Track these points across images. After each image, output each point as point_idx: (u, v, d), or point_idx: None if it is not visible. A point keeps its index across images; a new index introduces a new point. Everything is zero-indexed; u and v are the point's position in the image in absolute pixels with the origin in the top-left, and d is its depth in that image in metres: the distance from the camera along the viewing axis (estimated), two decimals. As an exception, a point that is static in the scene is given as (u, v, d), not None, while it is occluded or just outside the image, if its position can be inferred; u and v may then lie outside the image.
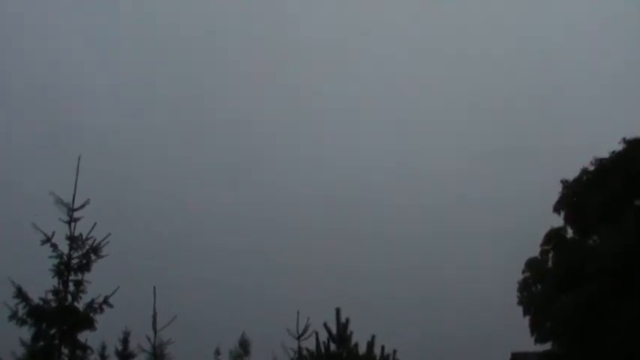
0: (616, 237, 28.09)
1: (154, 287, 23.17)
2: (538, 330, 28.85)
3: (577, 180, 29.64)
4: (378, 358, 26.91)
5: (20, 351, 20.40)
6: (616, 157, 30.05)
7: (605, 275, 27.47)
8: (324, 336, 25.43)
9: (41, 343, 18.23)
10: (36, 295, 18.41)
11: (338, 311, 26.28)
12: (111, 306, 18.72)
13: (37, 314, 18.26)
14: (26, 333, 18.43)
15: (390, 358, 27.11)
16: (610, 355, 26.66)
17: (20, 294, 18.28)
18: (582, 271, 27.78)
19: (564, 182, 29.64)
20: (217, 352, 40.98)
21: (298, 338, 24.33)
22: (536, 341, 29.09)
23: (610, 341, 26.84)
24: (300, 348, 24.94)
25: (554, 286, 28.66)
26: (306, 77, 74.48)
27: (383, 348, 27.14)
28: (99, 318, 18.80)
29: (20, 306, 18.23)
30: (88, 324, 18.55)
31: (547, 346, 29.67)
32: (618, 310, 27.20)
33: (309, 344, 25.16)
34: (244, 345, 41.25)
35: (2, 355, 22.69)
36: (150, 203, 63.56)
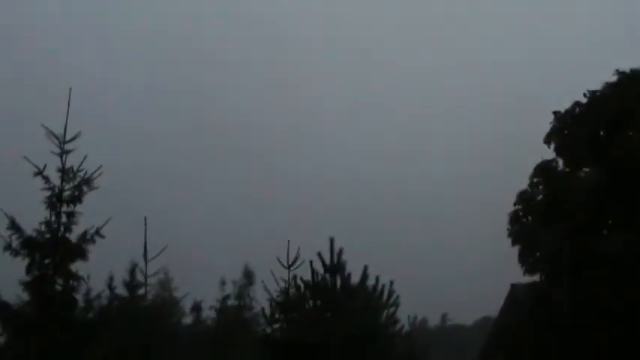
0: (603, 169, 28.27)
1: (145, 218, 23.57)
2: (525, 262, 29.17)
3: (568, 111, 29.64)
4: (372, 288, 27.26)
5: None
6: (608, 88, 30.00)
7: (591, 207, 27.67)
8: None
9: (35, 273, 18.55)
10: (29, 226, 18.73)
11: (332, 241, 26.51)
12: (102, 237, 19.01)
13: (30, 245, 18.55)
14: (21, 264, 18.71)
15: (386, 289, 27.41)
16: (593, 289, 27.02)
17: (13, 225, 18.55)
18: (568, 204, 27.97)
19: (556, 113, 29.67)
20: (222, 283, 41.62)
21: (288, 268, 24.61)
22: (524, 273, 29.43)
23: (593, 274, 27.17)
24: (293, 277, 25.26)
25: (541, 219, 28.89)
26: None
27: (377, 278, 27.42)
28: (94, 248, 19.15)
29: (14, 237, 18.53)
30: (81, 255, 18.85)
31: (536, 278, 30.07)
32: (601, 244, 27.46)
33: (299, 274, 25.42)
34: (248, 275, 41.83)
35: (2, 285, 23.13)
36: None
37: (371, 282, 27.17)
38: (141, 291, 30.46)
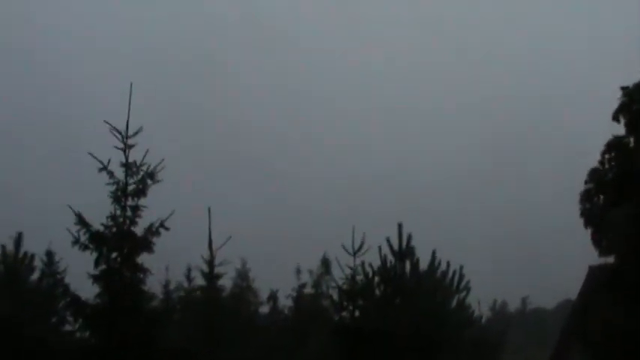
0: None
1: (209, 208, 23.79)
2: (599, 243, 28.59)
3: (637, 85, 28.89)
4: (442, 274, 27.18)
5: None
6: (681, 59, 29.18)
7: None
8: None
9: (103, 267, 18.96)
10: (96, 221, 19.15)
11: (400, 226, 26.51)
12: (167, 229, 19.31)
13: (97, 239, 18.94)
14: (89, 258, 19.13)
15: (457, 273, 27.28)
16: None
17: (81, 220, 18.97)
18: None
19: (624, 89, 28.95)
20: (298, 271, 41.85)
21: (354, 254, 24.57)
22: (599, 254, 28.86)
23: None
24: (361, 264, 25.29)
25: (613, 197, 28.23)
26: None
27: (448, 264, 27.30)
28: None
29: (82, 232, 18.96)
30: (147, 247, 19.19)
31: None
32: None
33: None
34: (326, 264, 41.98)
35: (75, 278, 23.68)
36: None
37: (442, 268, 27.22)
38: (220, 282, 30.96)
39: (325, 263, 41.69)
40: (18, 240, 28.12)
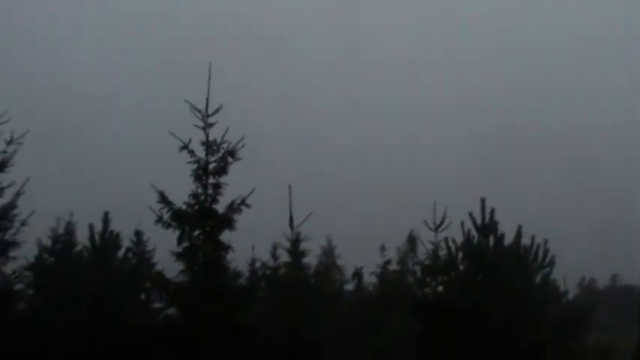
0: None
1: (289, 185, 23.90)
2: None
3: None
4: (527, 248, 26.78)
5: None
6: None
7: None
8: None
9: (186, 244, 19.25)
10: (178, 200, 19.46)
11: (483, 201, 26.24)
12: (248, 206, 19.53)
13: (180, 217, 19.27)
14: (172, 235, 19.44)
15: (541, 248, 26.88)
16: None
17: (163, 199, 19.33)
18: None
19: None
20: (383, 248, 41.79)
21: (436, 230, 24.47)
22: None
23: None
24: (444, 239, 25.15)
25: None
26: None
27: (533, 238, 26.88)
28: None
29: (164, 210, 19.31)
30: (228, 224, 19.44)
31: None
32: None
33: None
34: (412, 241, 41.83)
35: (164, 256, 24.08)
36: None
37: (525, 242, 26.81)
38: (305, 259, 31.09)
39: (411, 240, 41.54)
40: (105, 219, 28.67)
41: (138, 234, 32.14)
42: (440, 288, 24.67)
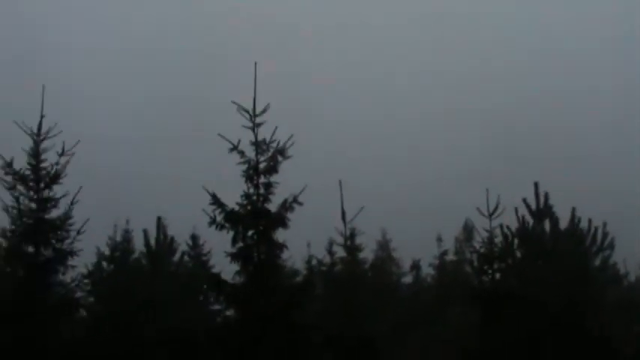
0: None
1: (340, 181, 23.85)
2: None
3: None
4: (584, 231, 26.46)
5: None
6: None
7: None
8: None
9: (240, 245, 19.34)
10: (231, 201, 19.55)
11: (536, 185, 25.97)
12: (300, 204, 19.56)
13: (233, 218, 19.38)
14: (226, 236, 19.53)
15: (599, 231, 26.54)
16: None
17: (216, 201, 19.44)
18: None
19: None
20: (439, 239, 41.64)
21: (490, 217, 24.25)
22: None
23: None
24: (499, 226, 24.92)
25: None
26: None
27: (590, 221, 26.54)
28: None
29: (217, 212, 19.43)
30: (282, 223, 19.49)
31: None
32: None
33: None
34: (468, 229, 41.60)
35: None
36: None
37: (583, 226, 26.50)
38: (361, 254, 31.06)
39: (467, 228, 41.31)
40: (158, 224, 28.94)
41: (194, 238, 32.40)
42: (497, 275, 24.44)
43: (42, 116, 21.40)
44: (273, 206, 19.57)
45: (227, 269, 19.69)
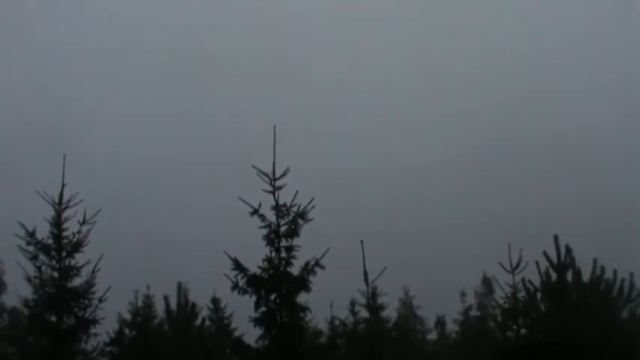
0: None
1: (362, 241, 23.83)
2: None
3: None
4: (609, 282, 26.18)
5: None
6: None
7: None
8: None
9: (263, 309, 19.25)
10: (252, 264, 19.51)
11: (556, 238, 25.82)
12: (323, 267, 19.49)
13: (255, 283, 19.32)
14: (250, 302, 19.45)
15: (626, 281, 26.27)
16: None
17: (238, 265, 19.40)
18: None
19: None
20: (463, 294, 41.53)
21: (512, 271, 24.08)
22: None
23: None
24: (521, 280, 24.75)
25: None
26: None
27: (615, 272, 26.26)
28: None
29: (239, 277, 19.38)
30: (304, 286, 19.41)
31: None
32: None
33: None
34: (487, 283, 41.48)
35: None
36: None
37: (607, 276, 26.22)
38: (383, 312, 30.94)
39: (487, 282, 41.22)
40: (179, 290, 28.95)
41: (214, 301, 32.39)
42: (522, 330, 24.22)
43: (63, 185, 21.53)
44: (295, 269, 19.52)
45: (250, 332, 19.65)
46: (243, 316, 20.08)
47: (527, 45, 77.48)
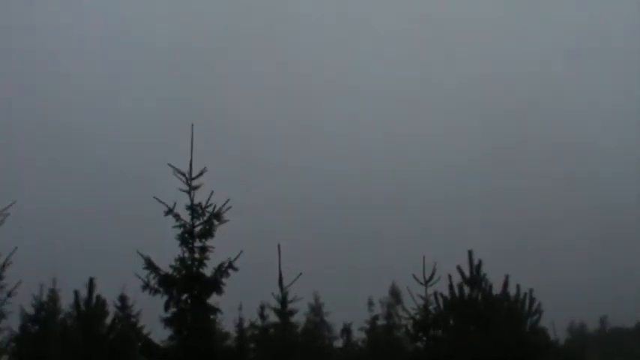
0: None
1: (279, 245, 23.75)
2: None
3: None
4: (514, 298, 26.66)
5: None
6: None
7: None
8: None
9: (173, 309, 19.00)
10: (164, 264, 19.22)
11: (470, 253, 26.20)
12: (236, 269, 19.31)
13: (167, 283, 19.02)
14: (159, 301, 19.18)
15: (527, 297, 26.80)
16: None
17: (150, 265, 19.06)
18: None
19: None
20: (370, 303, 41.77)
21: (426, 284, 24.34)
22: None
23: None
24: (433, 293, 25.01)
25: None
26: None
27: (518, 287, 26.80)
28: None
29: (151, 276, 19.04)
30: (216, 288, 19.21)
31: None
32: None
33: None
34: (395, 294, 41.88)
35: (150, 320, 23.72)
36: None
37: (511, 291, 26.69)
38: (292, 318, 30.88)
39: (394, 293, 41.64)
40: (90, 285, 28.39)
41: (122, 298, 31.93)
42: (431, 342, 24.46)
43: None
44: (208, 270, 19.28)
45: (158, 330, 19.39)
46: (151, 315, 19.80)
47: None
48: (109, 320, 28.10)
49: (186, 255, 19.25)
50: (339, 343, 40.26)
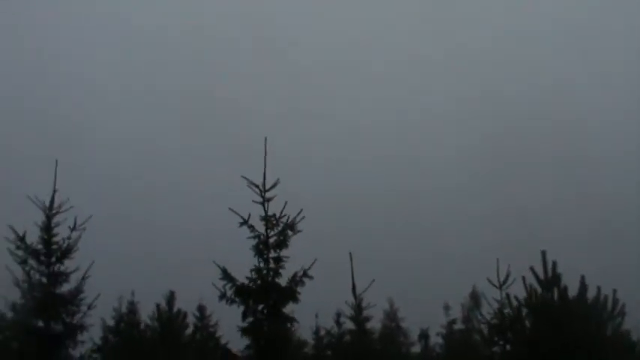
0: None
1: (350, 253, 23.95)
2: None
3: None
4: (593, 299, 26.30)
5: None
6: None
7: None
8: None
9: (250, 319, 19.35)
10: (241, 274, 19.61)
11: (544, 254, 25.95)
12: (311, 278, 19.63)
13: (243, 293, 19.46)
14: (236, 311, 19.55)
15: (609, 299, 26.39)
16: None
17: (226, 275, 19.53)
18: None
19: None
20: (447, 307, 41.59)
21: (500, 287, 24.26)
22: None
23: None
24: (506, 296, 24.90)
25: None
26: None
27: (599, 289, 26.40)
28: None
29: (227, 286, 19.50)
30: (292, 297, 19.55)
31: None
32: None
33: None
34: (475, 297, 41.58)
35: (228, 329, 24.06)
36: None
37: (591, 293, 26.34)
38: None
39: (474, 297, 41.30)
40: (170, 298, 28.95)
41: (200, 309, 32.37)
42: (508, 346, 24.32)
43: (54, 191, 21.61)
44: (283, 280, 19.64)
45: (236, 339, 19.72)
46: (230, 324, 20.12)
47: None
48: (188, 331, 28.69)
49: (262, 265, 19.63)
50: (416, 349, 40.16)
